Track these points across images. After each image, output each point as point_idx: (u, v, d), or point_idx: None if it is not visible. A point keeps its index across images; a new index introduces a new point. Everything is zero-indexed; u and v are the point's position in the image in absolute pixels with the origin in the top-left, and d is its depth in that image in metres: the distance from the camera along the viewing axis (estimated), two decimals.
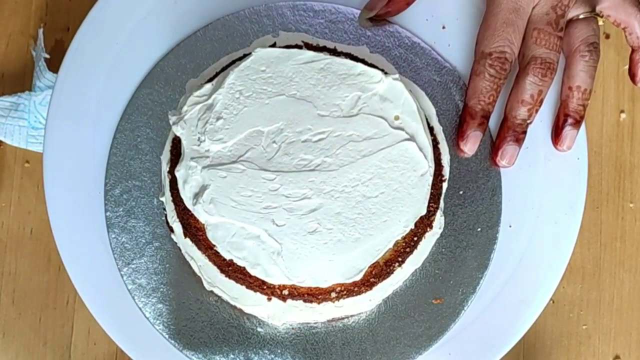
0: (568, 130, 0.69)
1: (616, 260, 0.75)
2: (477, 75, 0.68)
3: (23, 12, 0.77)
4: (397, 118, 0.65)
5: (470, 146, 0.69)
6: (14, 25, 0.77)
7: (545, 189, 0.70)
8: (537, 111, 0.68)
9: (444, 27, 0.72)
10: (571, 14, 0.68)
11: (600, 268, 0.74)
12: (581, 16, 0.69)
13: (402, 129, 0.64)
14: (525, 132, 0.69)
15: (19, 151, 0.75)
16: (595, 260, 0.75)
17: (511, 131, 0.68)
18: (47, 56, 0.75)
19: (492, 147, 0.70)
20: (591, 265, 0.74)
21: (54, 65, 0.74)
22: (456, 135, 0.69)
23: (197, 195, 0.63)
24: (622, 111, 0.77)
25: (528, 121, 0.68)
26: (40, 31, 0.76)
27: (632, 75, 0.71)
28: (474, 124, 0.68)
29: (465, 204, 0.69)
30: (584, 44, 0.68)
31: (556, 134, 0.70)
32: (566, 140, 0.69)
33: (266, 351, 0.67)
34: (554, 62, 0.67)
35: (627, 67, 0.76)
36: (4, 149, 0.75)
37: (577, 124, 0.69)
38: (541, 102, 0.68)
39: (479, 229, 0.69)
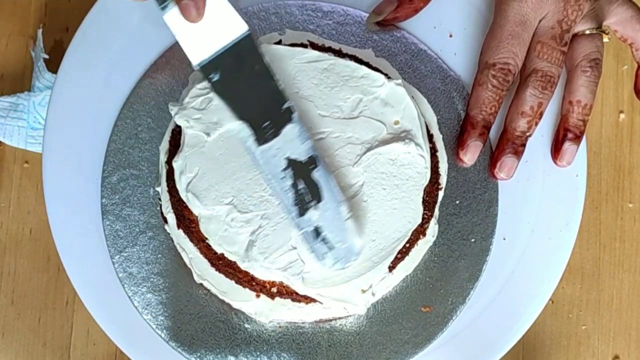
0: (568, 146, 0.69)
1: (615, 260, 0.75)
2: (479, 85, 0.68)
3: (22, 12, 0.77)
4: (396, 123, 0.65)
5: (470, 156, 0.69)
6: (13, 25, 0.77)
7: (542, 204, 0.70)
8: (536, 124, 0.68)
9: (451, 36, 0.72)
10: (577, 28, 0.68)
11: (600, 268, 0.74)
12: (587, 32, 0.69)
13: None
14: (524, 145, 0.69)
15: (18, 152, 0.75)
16: (594, 260, 0.75)
17: (510, 143, 0.68)
18: (46, 57, 0.75)
19: (491, 158, 0.70)
20: (590, 266, 0.74)
21: (53, 65, 0.74)
22: (456, 144, 0.69)
23: (192, 187, 0.63)
24: (621, 112, 0.77)
25: (527, 134, 0.68)
26: (40, 32, 0.76)
27: (638, 92, 0.71)
28: (474, 133, 0.68)
29: (461, 214, 0.69)
30: (586, 59, 0.68)
31: (556, 149, 0.69)
32: (566, 156, 0.69)
33: (252, 348, 0.67)
34: (554, 75, 0.68)
35: (626, 67, 0.76)
36: (3, 149, 0.75)
37: (577, 139, 0.69)
38: (541, 114, 0.68)
39: (473, 240, 0.68)
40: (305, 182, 0.60)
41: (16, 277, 0.74)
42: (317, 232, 0.61)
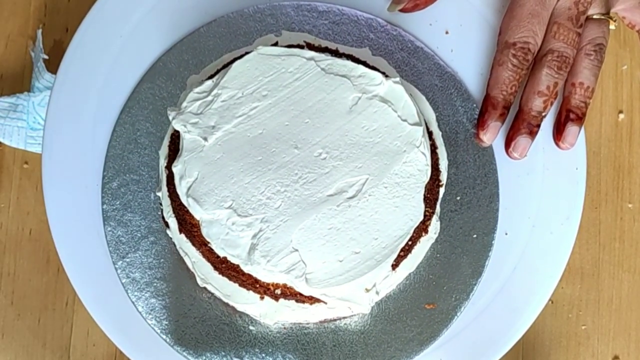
0: (570, 127, 0.69)
1: (615, 260, 0.75)
2: (499, 65, 0.68)
3: (22, 13, 0.77)
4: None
5: (489, 136, 0.69)
6: (12, 26, 0.77)
7: (542, 198, 0.70)
8: (552, 104, 0.68)
9: (447, 32, 0.72)
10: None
11: (599, 268, 0.74)
12: (595, 16, 0.69)
13: None
14: (539, 126, 0.69)
15: (17, 152, 0.75)
16: (594, 260, 0.74)
17: (526, 123, 0.68)
18: (46, 57, 0.75)
19: (505, 139, 0.70)
20: (590, 266, 0.74)
21: (52, 66, 0.74)
22: (477, 124, 0.70)
23: (192, 191, 0.63)
24: (621, 111, 0.76)
25: (543, 113, 0.68)
26: (39, 32, 0.76)
27: None
28: (495, 114, 0.69)
29: (462, 210, 0.69)
30: (591, 43, 0.69)
31: (558, 130, 0.70)
32: (568, 137, 0.69)
33: (257, 350, 0.67)
34: (570, 57, 0.68)
35: (625, 67, 0.76)
36: (3, 149, 0.75)
37: (579, 120, 0.69)
38: (556, 94, 0.68)
39: (475, 236, 0.69)
40: None
41: (16, 277, 0.74)
42: None
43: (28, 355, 0.73)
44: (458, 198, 0.69)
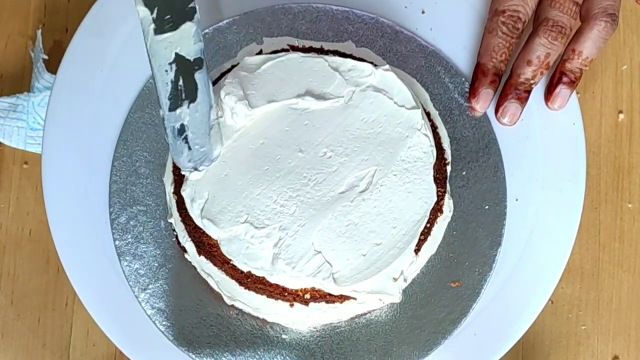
0: (561, 89, 0.69)
1: (615, 260, 0.74)
2: (489, 33, 0.69)
3: (21, 13, 0.76)
4: None
5: (482, 104, 0.69)
6: (12, 26, 0.76)
7: (545, 158, 0.70)
8: (542, 74, 0.68)
9: (423, 12, 0.72)
10: None
11: (599, 268, 0.74)
12: None
13: None
14: (528, 92, 0.69)
15: (17, 152, 0.75)
16: (594, 260, 0.74)
17: (514, 89, 0.69)
18: (46, 57, 0.74)
19: (495, 105, 0.70)
20: (590, 266, 0.74)
21: (52, 66, 0.73)
22: (468, 93, 0.70)
23: (205, 212, 0.62)
24: (621, 112, 0.76)
25: (531, 81, 0.68)
26: (39, 32, 0.75)
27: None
28: (485, 81, 0.69)
29: (470, 184, 0.69)
30: (602, 12, 0.67)
31: (549, 91, 0.70)
32: (558, 99, 0.69)
33: (294, 356, 0.67)
34: (566, 26, 0.67)
35: (625, 67, 0.76)
36: (3, 150, 0.75)
37: (571, 84, 0.69)
38: (547, 65, 0.68)
39: (487, 207, 0.69)
40: (186, 80, 0.59)
41: (16, 277, 0.73)
42: (182, 129, 0.60)
43: (28, 355, 0.72)
44: (464, 173, 0.69)
